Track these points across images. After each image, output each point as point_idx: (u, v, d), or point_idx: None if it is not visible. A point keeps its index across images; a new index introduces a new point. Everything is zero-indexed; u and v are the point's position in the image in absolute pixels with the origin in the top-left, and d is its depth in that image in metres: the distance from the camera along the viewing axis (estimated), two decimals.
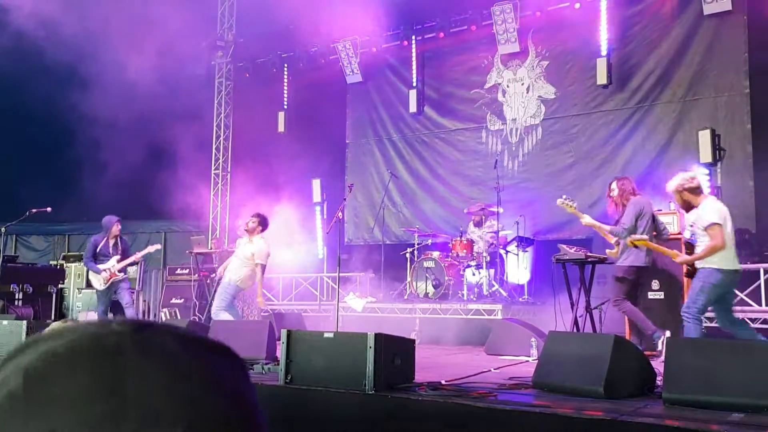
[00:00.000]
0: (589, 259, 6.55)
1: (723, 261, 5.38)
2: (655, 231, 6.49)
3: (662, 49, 10.18)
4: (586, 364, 4.19)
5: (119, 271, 8.16)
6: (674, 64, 10.07)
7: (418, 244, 10.05)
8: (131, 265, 8.56)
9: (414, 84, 12.31)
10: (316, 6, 11.39)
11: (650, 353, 5.34)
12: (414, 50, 12.32)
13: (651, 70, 10.27)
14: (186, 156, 12.17)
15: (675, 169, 9.65)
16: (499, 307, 8.48)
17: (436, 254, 9.44)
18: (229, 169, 13.83)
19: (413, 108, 12.25)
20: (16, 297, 10.49)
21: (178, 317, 10.42)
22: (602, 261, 6.66)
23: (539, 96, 11.26)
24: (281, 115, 13.51)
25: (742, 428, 3.24)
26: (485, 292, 9.10)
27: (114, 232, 8.21)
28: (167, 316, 10.63)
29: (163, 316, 10.78)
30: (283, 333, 4.71)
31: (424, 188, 12.19)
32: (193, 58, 13.49)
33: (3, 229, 9.40)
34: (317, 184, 12.79)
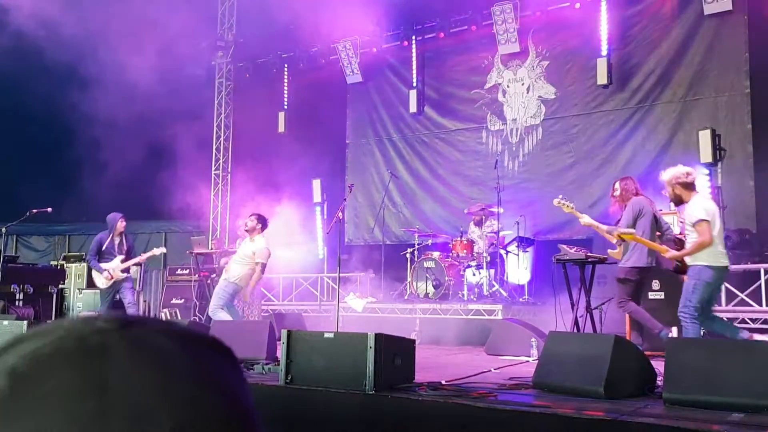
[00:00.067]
0: (590, 260, 6.54)
1: (712, 257, 5.41)
2: (658, 231, 6.48)
3: (662, 49, 10.17)
4: (587, 365, 4.19)
5: (123, 271, 8.15)
6: (674, 64, 10.06)
7: (419, 245, 10.05)
8: (134, 265, 8.56)
9: (414, 84, 12.31)
10: (316, 6, 11.38)
11: (651, 353, 5.33)
12: (414, 50, 12.32)
13: (651, 70, 10.27)
14: (186, 156, 12.17)
15: None
16: (499, 307, 8.48)
17: (436, 254, 9.44)
18: (229, 169, 13.83)
19: (413, 108, 12.25)
20: (17, 297, 10.48)
21: (179, 317, 10.43)
22: (602, 261, 6.66)
23: (539, 96, 11.25)
24: (281, 115, 13.51)
25: (743, 428, 3.24)
26: (485, 293, 9.10)
27: (119, 228, 8.21)
28: (167, 317, 10.63)
29: (164, 316, 10.78)
30: (284, 333, 4.71)
31: (424, 188, 12.18)
32: (194, 59, 13.49)
33: (3, 229, 9.40)
34: (317, 184, 12.79)
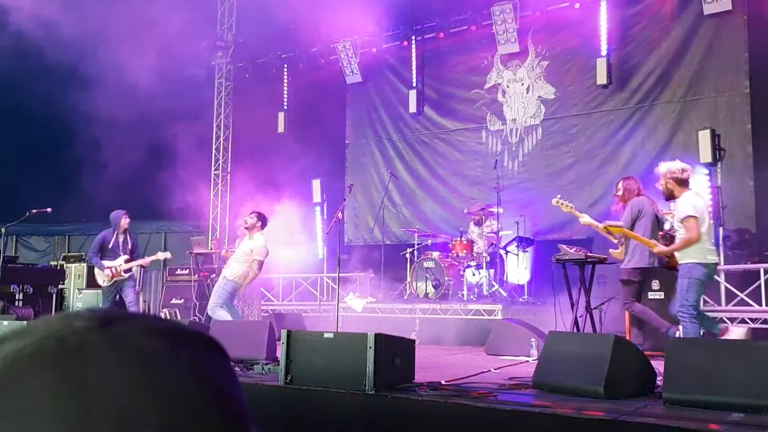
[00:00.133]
0: (589, 260, 6.54)
1: (700, 254, 5.44)
2: (660, 231, 6.47)
3: (662, 49, 10.17)
4: (587, 364, 4.19)
5: (125, 271, 8.14)
6: (674, 64, 10.06)
7: (418, 245, 10.05)
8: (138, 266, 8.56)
9: (414, 84, 12.30)
10: (315, 6, 11.38)
11: (651, 353, 5.33)
12: (414, 50, 12.31)
13: (651, 70, 10.26)
14: (186, 156, 12.17)
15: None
16: (499, 307, 8.48)
17: (436, 254, 9.44)
18: (229, 169, 13.82)
19: (413, 108, 12.24)
20: (17, 297, 10.48)
21: (179, 317, 10.42)
22: (602, 261, 6.66)
23: (539, 96, 11.25)
24: (281, 116, 13.51)
25: (742, 428, 3.24)
26: (485, 293, 9.10)
27: (123, 225, 8.19)
28: (167, 317, 10.63)
29: (163, 316, 10.76)
30: (283, 333, 4.71)
31: (424, 188, 12.18)
32: (193, 59, 13.48)
33: (3, 229, 9.40)
34: (317, 185, 12.78)
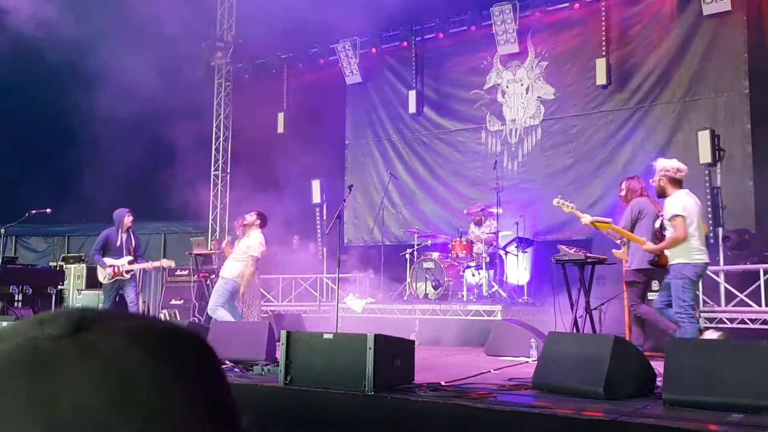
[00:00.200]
0: (589, 260, 6.53)
1: (688, 254, 5.45)
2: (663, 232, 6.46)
3: (662, 49, 10.17)
4: (586, 365, 4.19)
5: (127, 272, 8.14)
6: (674, 64, 10.06)
7: (418, 245, 10.04)
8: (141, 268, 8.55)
9: (413, 85, 12.30)
10: (315, 7, 11.37)
11: (651, 354, 5.33)
12: (413, 51, 12.31)
13: (650, 71, 10.26)
14: (185, 157, 12.16)
15: None
16: (498, 307, 8.48)
17: (435, 255, 9.44)
18: (228, 169, 13.82)
19: (413, 109, 12.24)
20: (16, 298, 10.48)
21: (178, 318, 10.42)
22: (602, 262, 6.65)
23: (539, 96, 11.25)
24: (281, 116, 13.50)
25: (742, 429, 3.24)
26: (485, 293, 9.09)
27: (126, 224, 8.19)
28: (167, 317, 10.63)
29: (163, 317, 10.78)
30: (283, 334, 4.71)
31: (423, 189, 12.18)
32: (193, 59, 13.50)
33: (3, 230, 9.39)
34: (317, 185, 12.78)
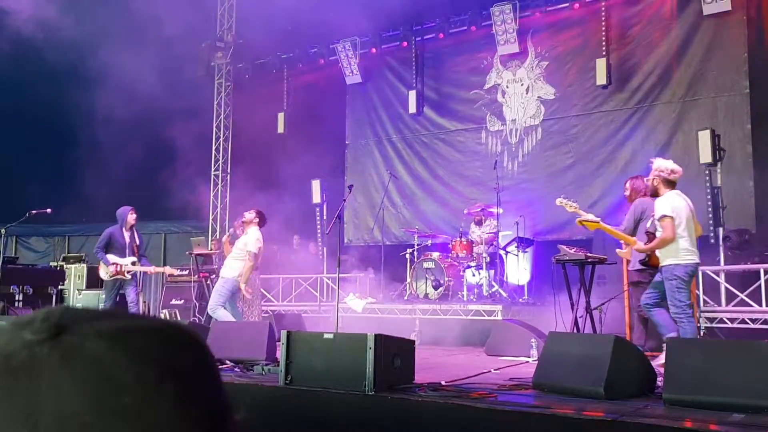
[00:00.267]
0: (589, 260, 6.53)
1: (676, 253, 5.45)
2: None
3: (662, 49, 10.16)
4: (587, 365, 4.19)
5: (128, 272, 8.15)
6: (674, 64, 10.06)
7: (418, 245, 10.04)
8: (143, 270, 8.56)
9: (413, 85, 12.30)
10: (315, 7, 11.38)
11: (651, 354, 5.33)
12: (413, 51, 12.31)
13: (651, 71, 10.26)
14: (186, 157, 12.17)
15: None
16: (499, 307, 8.48)
17: (435, 255, 9.43)
18: (229, 169, 13.81)
19: (413, 109, 12.24)
20: (16, 298, 10.49)
21: (178, 318, 10.42)
22: (602, 261, 6.65)
23: (539, 96, 11.25)
24: (281, 116, 13.51)
25: (743, 429, 3.24)
26: (485, 293, 9.09)
27: (129, 222, 8.20)
28: (167, 317, 10.62)
29: (163, 317, 10.77)
30: (283, 334, 4.71)
31: (423, 189, 12.18)
32: (193, 59, 13.50)
33: (3, 230, 9.39)
34: (317, 185, 12.78)
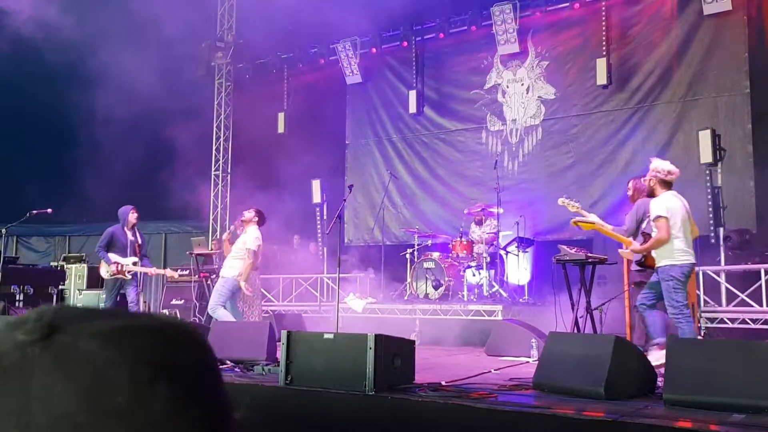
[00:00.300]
0: (590, 260, 6.53)
1: (670, 254, 5.46)
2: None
3: (662, 49, 10.16)
4: (587, 365, 4.18)
5: (129, 272, 8.15)
6: (674, 64, 10.05)
7: (418, 245, 10.04)
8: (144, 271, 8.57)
9: (414, 84, 12.30)
10: (315, 7, 11.38)
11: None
12: (414, 51, 12.31)
13: (651, 70, 10.26)
14: (186, 157, 12.17)
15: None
16: (499, 307, 8.48)
17: (436, 255, 9.43)
18: (229, 169, 13.82)
19: (413, 108, 12.24)
20: (17, 298, 10.48)
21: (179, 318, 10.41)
22: (602, 262, 6.65)
23: (539, 96, 11.25)
24: (281, 116, 13.51)
25: (743, 429, 3.24)
26: (485, 293, 9.09)
27: (131, 221, 8.20)
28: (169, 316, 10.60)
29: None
30: (283, 334, 4.71)
31: (423, 189, 12.17)
32: (194, 59, 13.50)
33: (4, 230, 9.39)
34: (317, 185, 12.78)
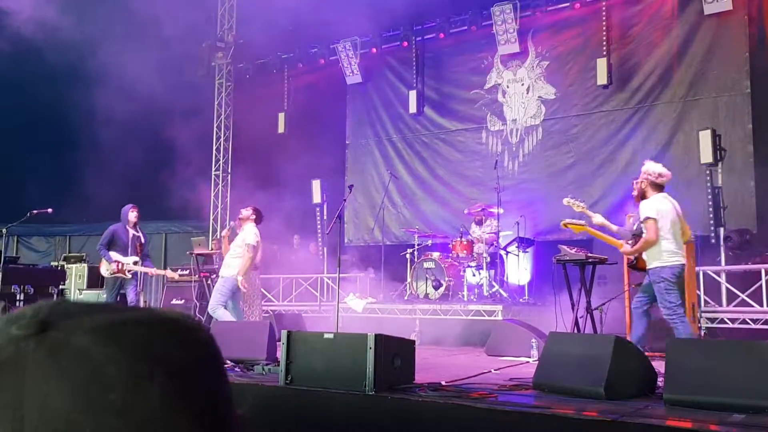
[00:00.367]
0: (590, 260, 6.53)
1: (659, 255, 5.46)
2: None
3: (662, 49, 10.16)
4: (587, 365, 4.18)
5: (129, 271, 8.14)
6: (675, 63, 10.05)
7: (418, 245, 10.04)
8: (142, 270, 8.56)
9: (414, 84, 12.30)
10: (315, 7, 11.37)
11: (652, 354, 5.32)
12: (414, 51, 12.31)
13: (651, 70, 10.25)
14: (186, 157, 12.17)
15: (676, 169, 9.69)
16: (499, 307, 8.47)
17: (436, 255, 9.43)
18: (229, 169, 13.82)
19: (413, 108, 12.24)
20: (18, 298, 10.48)
21: None
22: (603, 262, 6.64)
23: (539, 96, 11.24)
24: (281, 116, 13.51)
25: (744, 429, 3.24)
26: (485, 293, 9.09)
27: (131, 220, 8.21)
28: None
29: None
30: (284, 334, 4.71)
31: (424, 189, 12.17)
32: (194, 59, 13.51)
33: (4, 230, 9.39)
34: (317, 185, 12.78)
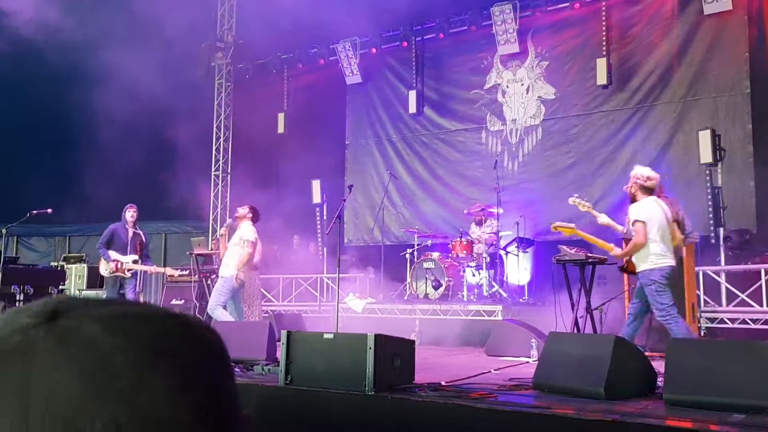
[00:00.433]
0: (590, 260, 6.53)
1: (647, 258, 5.48)
2: (682, 234, 6.40)
3: (662, 49, 10.16)
4: (587, 365, 4.18)
5: (128, 270, 8.14)
6: (675, 63, 10.05)
7: (418, 245, 10.04)
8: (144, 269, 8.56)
9: (414, 85, 12.29)
10: (315, 7, 11.37)
11: (652, 354, 5.32)
12: (414, 51, 12.31)
13: (651, 70, 10.25)
14: (186, 157, 12.17)
15: (676, 169, 9.72)
16: (499, 308, 8.47)
17: (435, 255, 9.43)
18: (229, 170, 13.82)
19: (413, 109, 12.23)
20: (17, 298, 10.48)
21: None
22: (602, 262, 6.64)
23: (539, 96, 11.24)
24: (281, 116, 13.51)
25: (744, 429, 3.23)
26: (485, 293, 9.09)
27: (127, 218, 8.23)
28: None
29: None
30: (283, 334, 4.71)
31: (423, 189, 12.17)
32: (194, 60, 13.50)
33: (4, 230, 9.39)
34: (317, 185, 12.78)
